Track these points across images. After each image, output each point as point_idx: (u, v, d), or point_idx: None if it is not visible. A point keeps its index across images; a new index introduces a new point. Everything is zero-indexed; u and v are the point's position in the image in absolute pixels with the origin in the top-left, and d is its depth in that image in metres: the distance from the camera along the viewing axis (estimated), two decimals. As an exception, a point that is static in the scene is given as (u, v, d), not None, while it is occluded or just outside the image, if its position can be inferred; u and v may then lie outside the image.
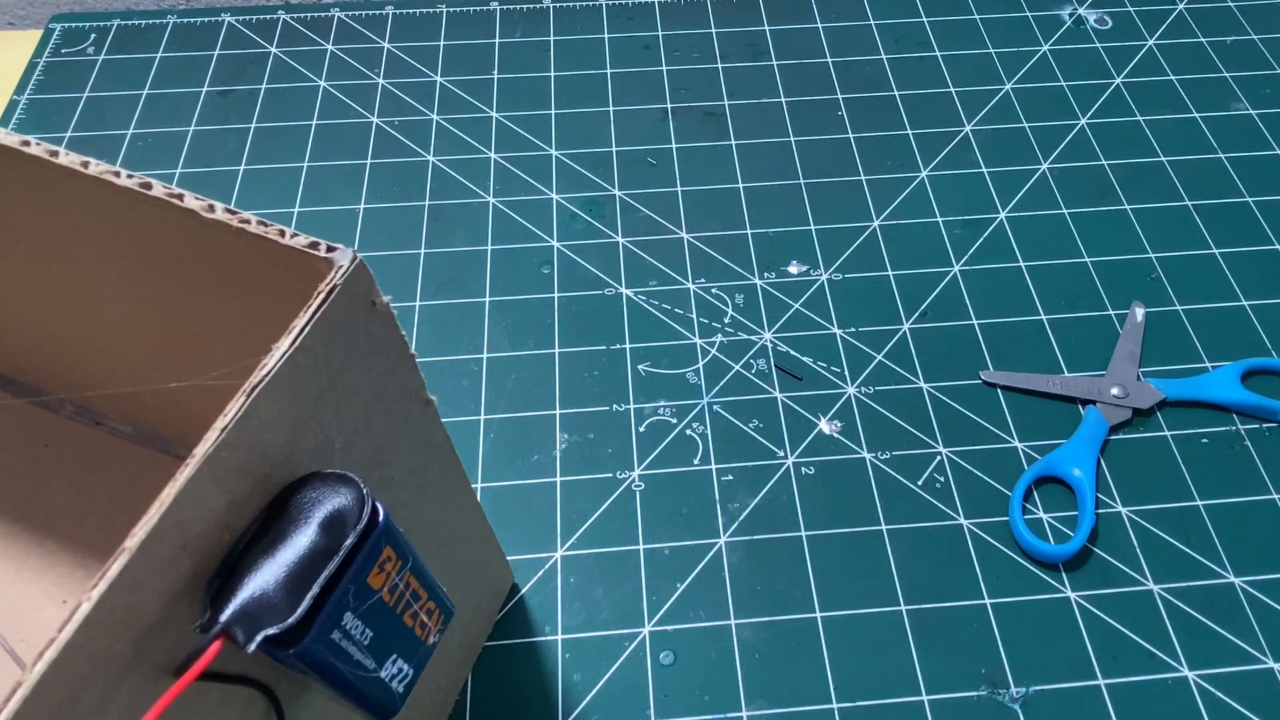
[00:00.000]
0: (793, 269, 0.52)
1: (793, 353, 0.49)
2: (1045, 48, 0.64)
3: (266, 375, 0.20)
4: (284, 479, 0.22)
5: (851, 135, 0.59)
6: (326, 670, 0.21)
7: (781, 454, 0.45)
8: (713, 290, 0.51)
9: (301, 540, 0.20)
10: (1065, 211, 0.55)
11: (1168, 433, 0.46)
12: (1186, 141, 0.58)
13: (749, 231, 0.54)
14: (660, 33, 0.65)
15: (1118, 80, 0.62)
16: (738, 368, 0.48)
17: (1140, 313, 0.50)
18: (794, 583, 0.42)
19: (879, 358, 0.49)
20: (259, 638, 0.19)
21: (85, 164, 0.24)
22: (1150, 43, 0.64)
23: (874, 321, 0.50)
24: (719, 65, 0.63)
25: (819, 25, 0.65)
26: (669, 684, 0.39)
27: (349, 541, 0.21)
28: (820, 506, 0.44)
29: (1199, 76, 0.62)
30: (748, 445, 0.46)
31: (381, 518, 0.22)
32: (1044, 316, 0.50)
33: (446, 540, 0.33)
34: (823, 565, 0.42)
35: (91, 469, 0.38)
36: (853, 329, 0.50)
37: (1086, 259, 0.53)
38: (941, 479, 0.45)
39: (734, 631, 0.40)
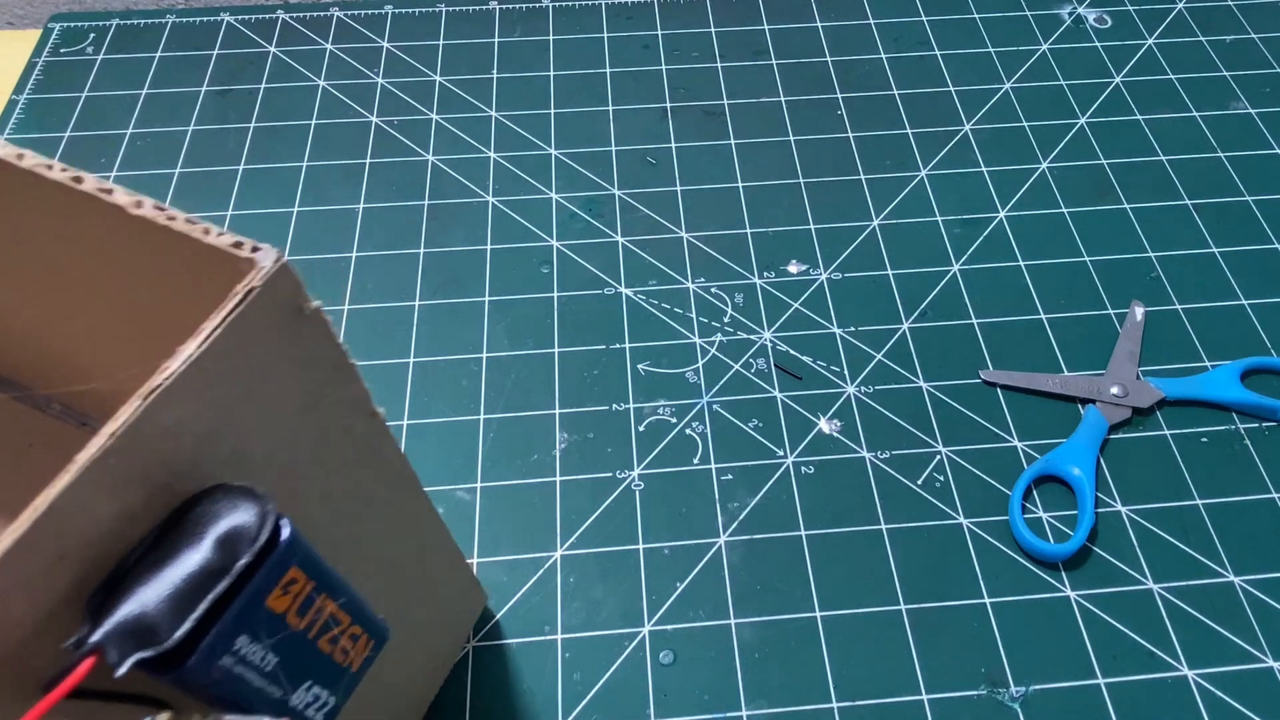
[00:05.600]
0: (792, 268, 0.52)
1: (792, 352, 0.49)
2: (1045, 47, 0.64)
3: (166, 379, 0.19)
4: (189, 489, 0.21)
5: (851, 135, 0.59)
6: (216, 697, 0.20)
7: (781, 453, 0.45)
8: (712, 290, 0.51)
9: (194, 557, 0.19)
10: (1065, 211, 0.55)
11: (1167, 432, 0.46)
12: (1186, 141, 0.58)
13: (749, 231, 0.54)
14: (660, 32, 0.65)
15: (1117, 79, 0.62)
16: (737, 367, 0.48)
17: (1140, 312, 0.50)
18: (794, 582, 0.42)
19: (878, 357, 0.49)
20: (130, 660, 0.18)
21: (20, 155, 0.23)
22: (1150, 42, 0.64)
23: (873, 321, 0.50)
24: (719, 65, 0.63)
25: (818, 25, 0.65)
26: (669, 683, 0.39)
27: (243, 561, 0.19)
28: (820, 506, 0.44)
29: (1198, 76, 0.62)
30: (747, 445, 0.46)
31: (285, 537, 0.20)
32: (1043, 316, 0.50)
33: (399, 559, 0.31)
34: (822, 565, 0.42)
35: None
36: (852, 328, 0.50)
37: (1086, 258, 0.53)
38: (941, 478, 0.45)
39: (734, 631, 0.40)
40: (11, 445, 0.39)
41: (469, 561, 0.42)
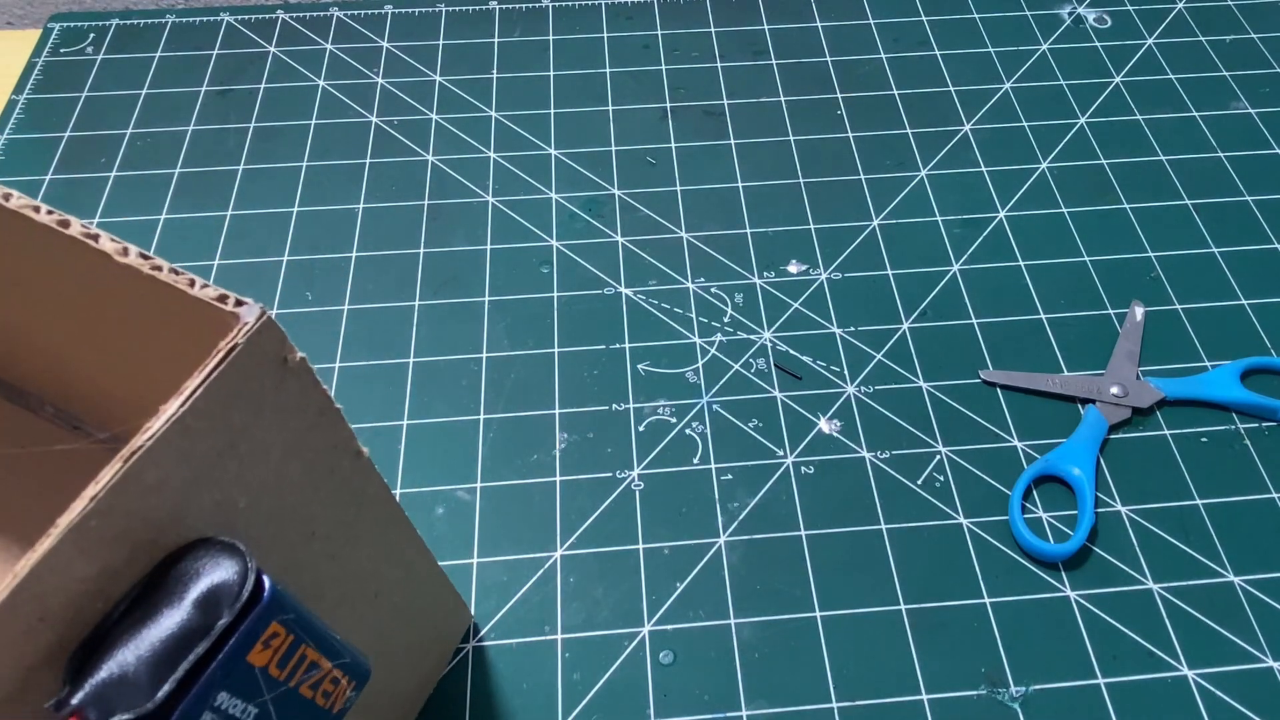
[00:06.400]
0: (792, 268, 0.52)
1: (792, 352, 0.49)
2: (1044, 47, 0.64)
3: (149, 440, 0.19)
4: (173, 542, 0.21)
5: (851, 134, 0.59)
6: None
7: (781, 453, 0.45)
8: (712, 290, 0.51)
9: (174, 617, 0.19)
10: (1064, 210, 0.55)
11: (1167, 432, 0.46)
12: (1186, 140, 0.58)
13: (748, 231, 0.54)
14: (660, 32, 0.65)
15: (1117, 79, 0.62)
16: (737, 367, 0.48)
17: (1140, 312, 0.50)
18: (794, 582, 0.42)
19: (878, 357, 0.49)
20: None
21: (6, 196, 0.23)
22: (1149, 42, 0.64)
23: (873, 321, 0.50)
24: (718, 64, 0.63)
25: (818, 24, 0.65)
26: (669, 683, 0.39)
27: (223, 622, 0.20)
28: (820, 506, 0.44)
29: (1198, 75, 0.62)
30: (747, 444, 0.46)
31: (266, 594, 0.20)
32: (1043, 316, 0.50)
33: (384, 588, 0.32)
34: (822, 564, 0.42)
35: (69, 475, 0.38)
36: (852, 328, 0.50)
37: (1086, 258, 0.53)
38: (941, 478, 0.45)
39: (734, 631, 0.40)
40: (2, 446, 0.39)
41: (469, 562, 0.42)
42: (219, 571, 0.20)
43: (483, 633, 0.40)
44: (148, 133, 0.58)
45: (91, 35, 0.64)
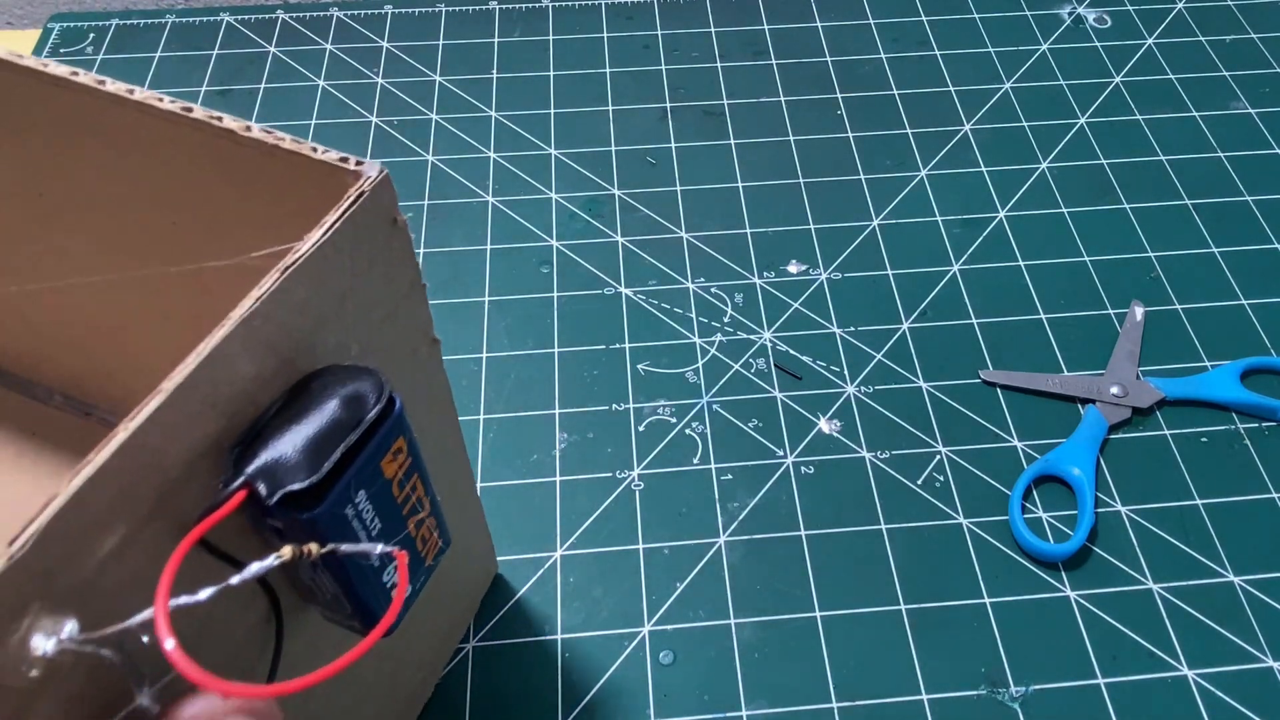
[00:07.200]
0: (792, 268, 0.52)
1: (792, 352, 0.49)
2: (1044, 47, 0.64)
3: (299, 257, 0.21)
4: (306, 367, 0.22)
5: (851, 134, 0.59)
6: (335, 550, 0.21)
7: (781, 453, 0.45)
8: (712, 290, 0.51)
9: (323, 414, 0.21)
10: (1064, 211, 0.55)
11: (1167, 432, 0.46)
12: (1186, 140, 0.58)
13: (748, 231, 0.54)
14: (660, 32, 0.65)
15: (1117, 79, 0.62)
16: (737, 367, 0.48)
17: (1140, 312, 0.50)
18: (794, 582, 0.42)
19: (878, 357, 0.49)
20: (281, 492, 0.20)
21: (131, 90, 0.25)
22: (1149, 42, 0.64)
23: (873, 321, 0.50)
24: (718, 64, 0.63)
25: (818, 24, 0.65)
26: (669, 683, 0.39)
27: (370, 414, 0.21)
28: (820, 506, 0.44)
29: (1198, 75, 0.62)
30: (747, 444, 0.46)
31: (397, 406, 0.22)
32: (1043, 316, 0.50)
33: (438, 493, 0.33)
34: (822, 565, 0.42)
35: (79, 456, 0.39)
36: (852, 328, 0.50)
37: (1086, 258, 0.53)
38: (941, 478, 0.45)
39: (734, 631, 0.40)
40: (14, 434, 0.40)
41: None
42: (356, 383, 0.22)
43: (483, 632, 0.40)
44: (148, 133, 0.58)
45: (91, 35, 0.64)
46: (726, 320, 0.50)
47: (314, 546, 0.20)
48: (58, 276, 0.35)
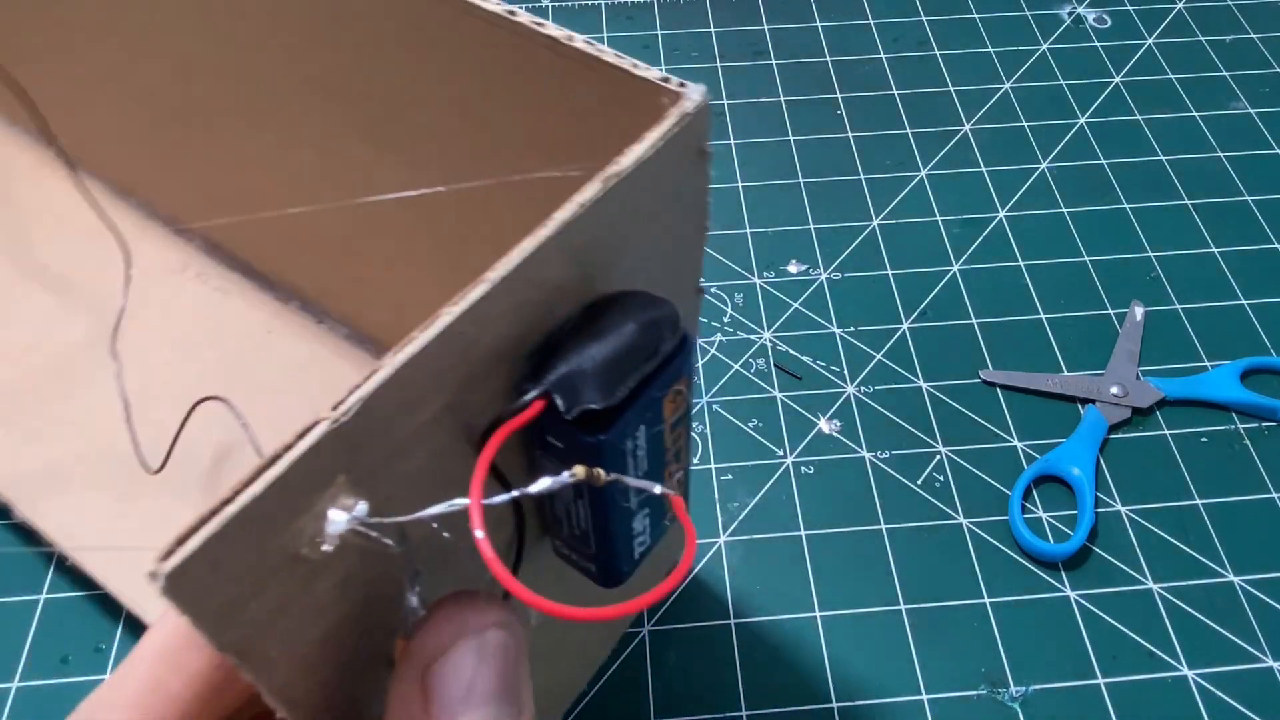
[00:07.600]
0: (792, 268, 0.52)
1: (792, 352, 0.49)
2: (1044, 47, 0.64)
3: (623, 172, 0.20)
4: (601, 288, 0.21)
5: (851, 134, 0.59)
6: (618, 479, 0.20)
7: (781, 453, 0.45)
8: (712, 290, 0.51)
9: (620, 336, 0.20)
10: (1064, 210, 0.55)
11: (1167, 432, 0.46)
12: (1186, 140, 0.58)
13: (748, 231, 0.54)
14: (660, 32, 0.65)
15: (1117, 79, 0.62)
16: (737, 367, 0.48)
17: (1140, 312, 0.50)
18: (794, 582, 0.42)
19: (878, 357, 0.49)
20: (579, 409, 0.19)
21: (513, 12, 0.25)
22: (1149, 42, 0.64)
23: (873, 321, 0.50)
24: (718, 64, 0.63)
25: (818, 25, 0.65)
26: (669, 684, 0.39)
27: (668, 345, 0.20)
28: (820, 506, 0.44)
29: (1198, 75, 0.62)
30: (747, 444, 0.46)
31: (689, 343, 0.21)
32: (1043, 316, 0.50)
33: None
34: (822, 565, 0.42)
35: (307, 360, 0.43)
36: (852, 328, 0.50)
37: (1086, 258, 0.53)
38: (941, 478, 0.45)
39: (734, 631, 0.40)
40: (253, 331, 0.44)
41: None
42: (653, 311, 0.21)
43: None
44: (148, 133, 0.58)
45: None
46: (726, 320, 0.50)
47: (602, 471, 0.19)
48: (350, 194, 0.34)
